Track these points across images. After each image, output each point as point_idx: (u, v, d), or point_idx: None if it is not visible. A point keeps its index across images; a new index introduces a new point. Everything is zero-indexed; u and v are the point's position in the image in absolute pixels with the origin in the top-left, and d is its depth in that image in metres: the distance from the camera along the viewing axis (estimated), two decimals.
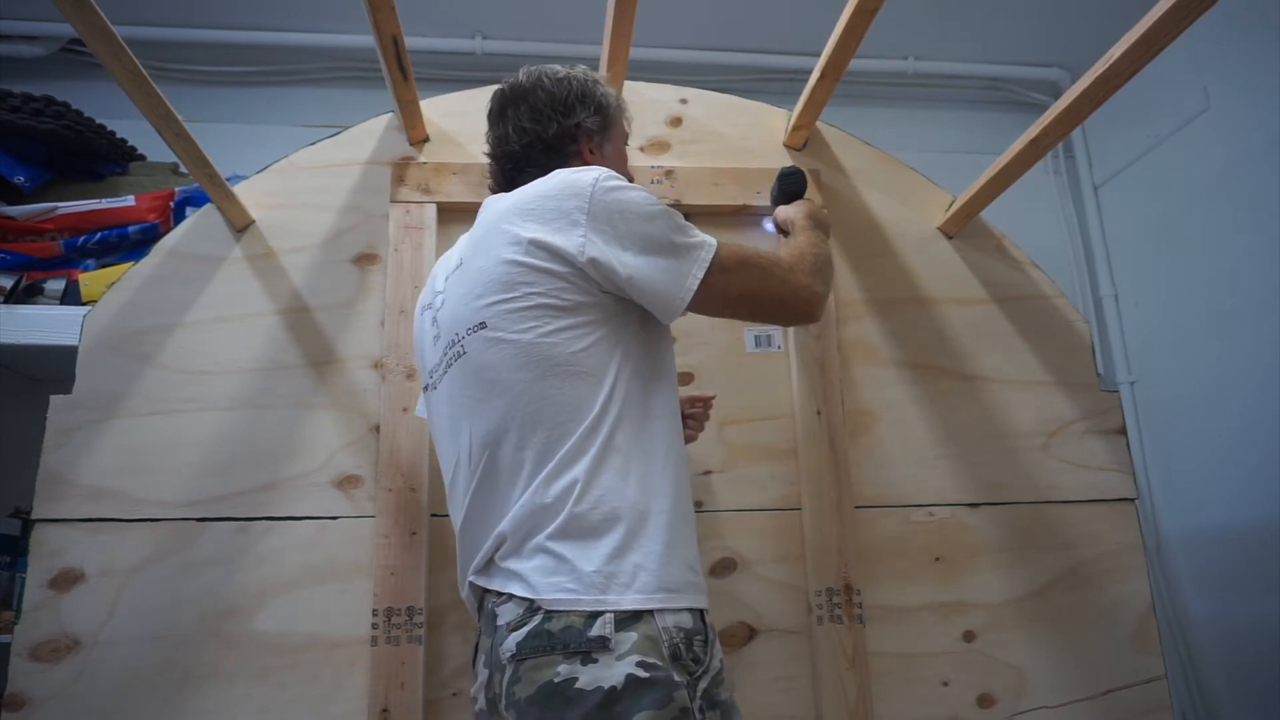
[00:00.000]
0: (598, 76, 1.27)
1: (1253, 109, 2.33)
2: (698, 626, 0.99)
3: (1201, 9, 1.12)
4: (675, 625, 0.97)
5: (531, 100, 1.22)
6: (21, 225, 1.95)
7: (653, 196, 1.11)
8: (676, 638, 0.96)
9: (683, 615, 0.98)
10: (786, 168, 1.47)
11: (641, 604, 0.97)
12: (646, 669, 0.92)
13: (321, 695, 1.38)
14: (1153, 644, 1.57)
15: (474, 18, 2.66)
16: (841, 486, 1.55)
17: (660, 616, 0.97)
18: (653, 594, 0.98)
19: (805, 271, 1.17)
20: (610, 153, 1.25)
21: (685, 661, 0.96)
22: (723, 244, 1.12)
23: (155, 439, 1.46)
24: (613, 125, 1.25)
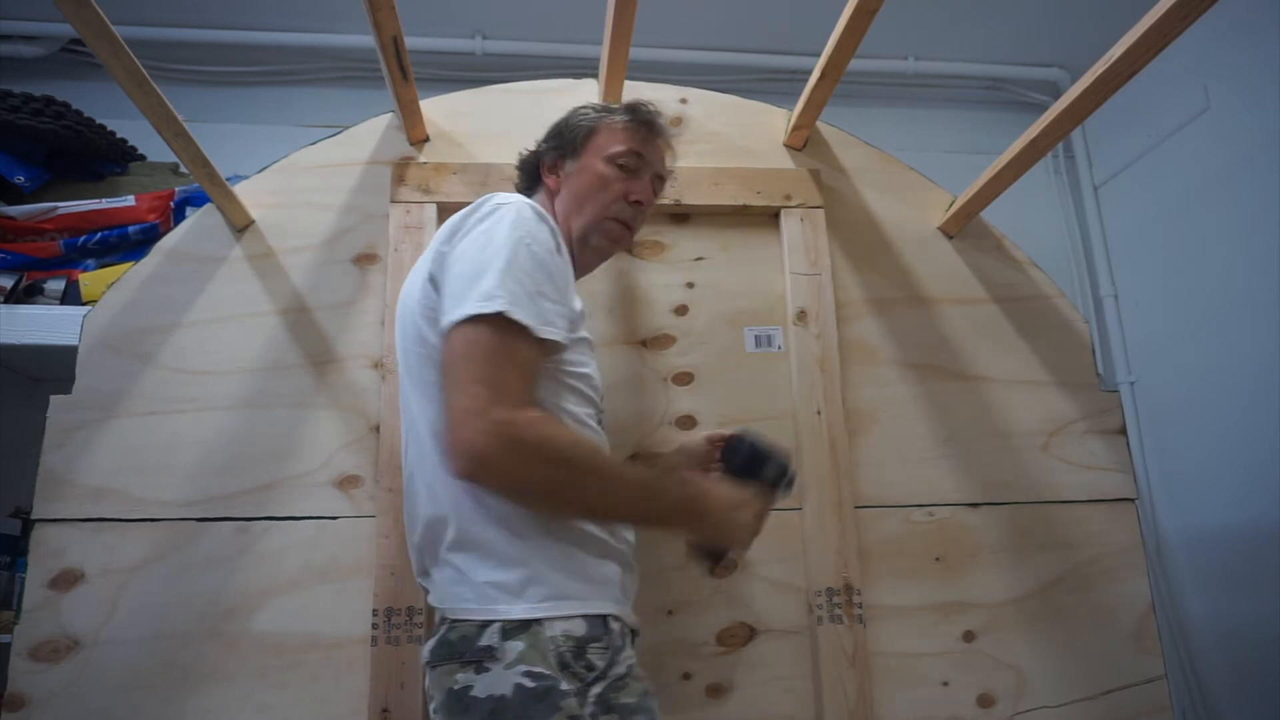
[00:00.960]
0: (591, 105, 1.31)
1: (1253, 109, 2.33)
2: (594, 633, 0.98)
3: (1202, 9, 1.12)
4: (564, 633, 0.97)
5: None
6: (21, 225, 1.95)
7: (541, 236, 1.04)
8: (564, 646, 0.96)
9: (574, 622, 0.98)
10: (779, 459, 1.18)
11: (527, 613, 0.97)
12: (534, 679, 0.93)
13: (321, 695, 1.38)
14: (1153, 644, 1.57)
15: (474, 18, 2.66)
16: (841, 486, 1.55)
17: (549, 625, 0.96)
18: (539, 603, 0.98)
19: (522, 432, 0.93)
20: (572, 170, 1.25)
21: (576, 669, 0.95)
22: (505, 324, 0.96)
23: (155, 439, 1.46)
24: (577, 147, 1.26)
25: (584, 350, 1.13)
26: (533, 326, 0.97)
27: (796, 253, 1.66)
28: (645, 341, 1.62)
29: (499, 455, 0.92)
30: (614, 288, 1.64)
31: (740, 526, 1.08)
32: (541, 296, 1.00)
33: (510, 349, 0.96)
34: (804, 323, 1.63)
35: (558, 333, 1.00)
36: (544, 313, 0.99)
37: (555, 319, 1.00)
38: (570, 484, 0.96)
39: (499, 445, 0.92)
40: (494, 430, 0.92)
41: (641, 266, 1.66)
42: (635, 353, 1.60)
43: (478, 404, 0.92)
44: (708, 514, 1.06)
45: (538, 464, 0.94)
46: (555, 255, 1.05)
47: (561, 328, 1.01)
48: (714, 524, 1.06)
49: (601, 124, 1.26)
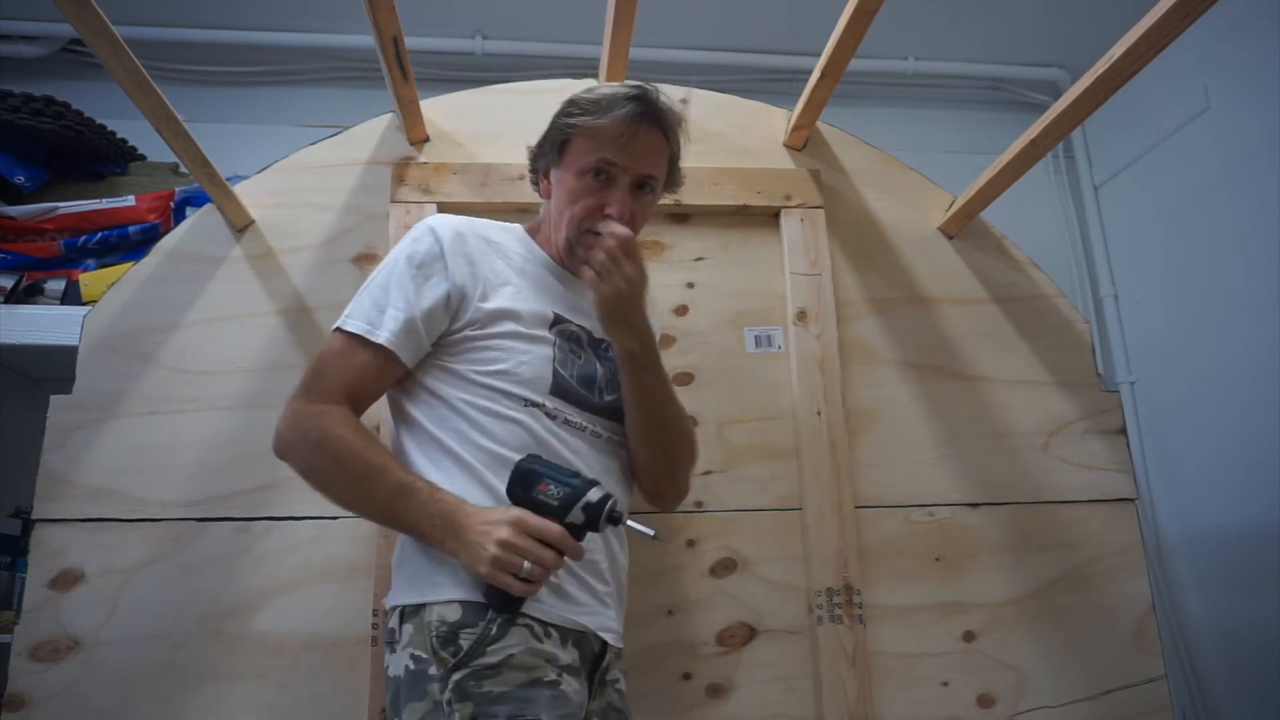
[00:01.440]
0: (604, 94, 1.16)
1: (1253, 109, 2.33)
2: (468, 619, 1.01)
3: (1202, 8, 1.12)
4: (440, 618, 1.01)
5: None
6: (22, 225, 1.95)
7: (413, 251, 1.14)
8: (438, 630, 1.00)
9: (450, 607, 1.02)
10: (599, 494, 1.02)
11: (412, 598, 1.05)
12: (415, 661, 1.01)
13: (321, 695, 1.38)
14: (1153, 644, 1.57)
15: (474, 18, 2.66)
16: (842, 486, 1.55)
17: (429, 610, 1.02)
18: (422, 589, 1.05)
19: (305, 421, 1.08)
20: (555, 180, 1.23)
21: (442, 654, 0.99)
22: (346, 336, 1.11)
23: (155, 439, 1.46)
24: (557, 156, 1.20)
25: (509, 343, 1.12)
26: (363, 334, 1.10)
27: (796, 253, 1.66)
28: None
29: (286, 438, 1.09)
30: None
31: (481, 550, 0.98)
32: (390, 307, 1.11)
33: (343, 353, 1.11)
34: (804, 323, 1.63)
35: (388, 337, 1.09)
36: (385, 321, 1.10)
37: (392, 324, 1.09)
38: (332, 476, 1.07)
39: (286, 430, 1.09)
40: (288, 416, 1.09)
41: None
42: None
43: (293, 393, 1.11)
44: (458, 531, 1.00)
45: (305, 452, 1.07)
46: (433, 261, 1.13)
47: (393, 330, 1.09)
48: (462, 545, 1.00)
49: (577, 132, 1.16)
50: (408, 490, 1.03)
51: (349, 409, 1.09)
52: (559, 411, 1.13)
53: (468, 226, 1.19)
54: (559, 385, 1.13)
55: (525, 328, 1.14)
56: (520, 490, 1.03)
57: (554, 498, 1.01)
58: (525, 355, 1.12)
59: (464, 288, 1.13)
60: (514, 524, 0.99)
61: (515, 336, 1.13)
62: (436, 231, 1.15)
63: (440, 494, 1.03)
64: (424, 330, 1.11)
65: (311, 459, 1.07)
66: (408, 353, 1.11)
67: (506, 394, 1.10)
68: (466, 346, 1.12)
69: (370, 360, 1.10)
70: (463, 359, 1.12)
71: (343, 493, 1.08)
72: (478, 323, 1.12)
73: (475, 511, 1.02)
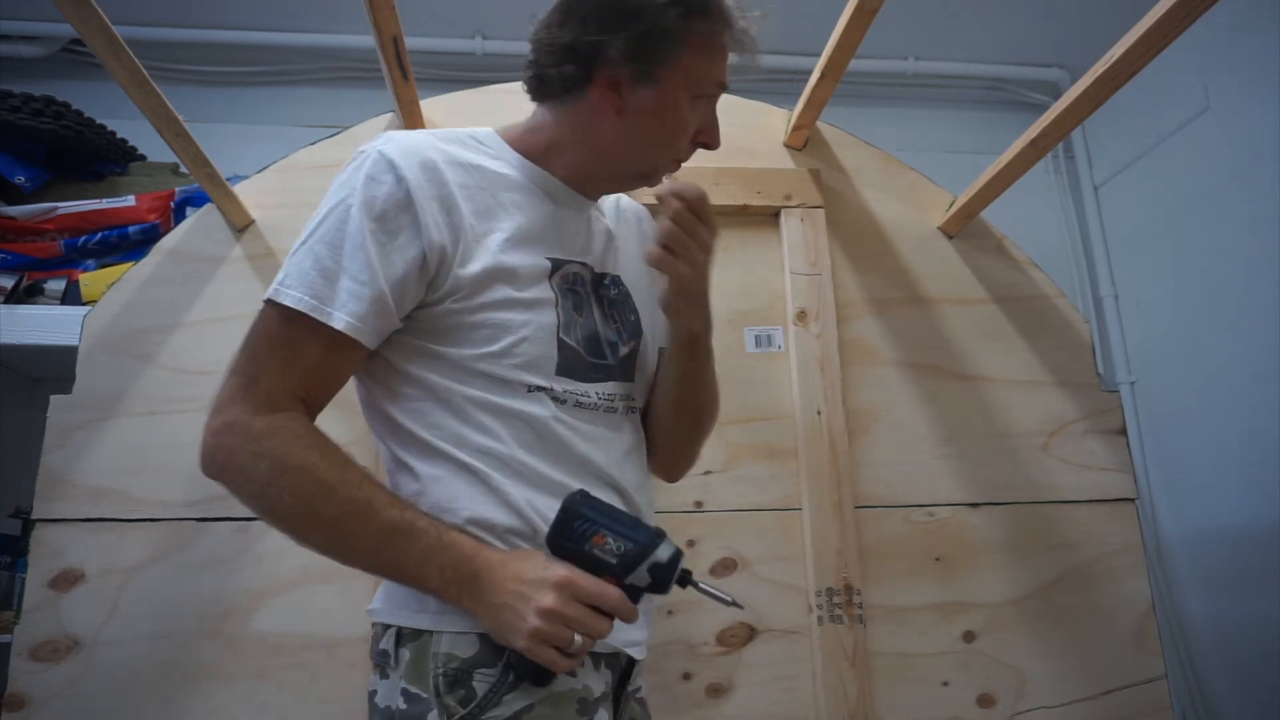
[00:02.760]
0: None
1: (1253, 109, 2.33)
2: (484, 658, 0.82)
3: (1203, 8, 1.12)
4: (448, 652, 0.82)
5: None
6: (22, 225, 1.95)
7: (369, 196, 0.86)
8: (445, 666, 0.81)
9: (464, 640, 0.82)
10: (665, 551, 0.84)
11: (414, 621, 0.85)
12: (408, 699, 0.81)
13: (321, 695, 1.38)
14: (1153, 644, 1.57)
15: (474, 18, 2.66)
16: (842, 486, 1.55)
17: (436, 640, 0.83)
18: (429, 612, 0.84)
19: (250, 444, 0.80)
20: (650, 100, 0.91)
21: (446, 700, 0.79)
22: (284, 313, 0.83)
23: (155, 439, 1.46)
24: (668, 64, 0.91)
25: (503, 315, 0.89)
26: (308, 311, 0.82)
27: (796, 253, 1.66)
28: None
29: (220, 459, 0.82)
30: None
31: (517, 618, 0.78)
32: (344, 276, 0.83)
33: (289, 339, 0.83)
34: (804, 323, 1.63)
35: (346, 319, 0.82)
36: (339, 296, 0.83)
37: (351, 301, 0.82)
38: (295, 517, 0.82)
39: (221, 449, 0.81)
40: (221, 432, 0.81)
41: None
42: None
43: (222, 398, 0.83)
44: (479, 588, 0.80)
45: (253, 485, 0.81)
46: (399, 212, 0.86)
47: (354, 310, 0.83)
48: (487, 606, 0.80)
49: (692, 35, 0.91)
50: (406, 532, 0.81)
51: (304, 413, 0.85)
52: (568, 394, 0.92)
53: (434, 150, 0.90)
54: (565, 361, 0.92)
55: (520, 290, 0.90)
56: (568, 541, 0.82)
57: (613, 554, 0.81)
58: (525, 329, 0.89)
59: (442, 246, 0.86)
60: (561, 587, 0.78)
61: (510, 305, 0.89)
62: (398, 167, 0.87)
63: (451, 536, 0.82)
64: (394, 306, 0.86)
65: (264, 494, 0.81)
66: (373, 335, 0.86)
67: (505, 381, 0.88)
68: (451, 323, 0.88)
69: (322, 349, 0.84)
70: (448, 340, 0.88)
71: (310, 537, 0.83)
72: (462, 291, 0.87)
73: (501, 563, 0.81)
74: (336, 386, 0.89)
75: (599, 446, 0.93)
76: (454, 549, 0.81)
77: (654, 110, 0.92)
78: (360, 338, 0.84)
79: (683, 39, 0.90)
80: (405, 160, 0.88)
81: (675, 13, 0.89)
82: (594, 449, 0.92)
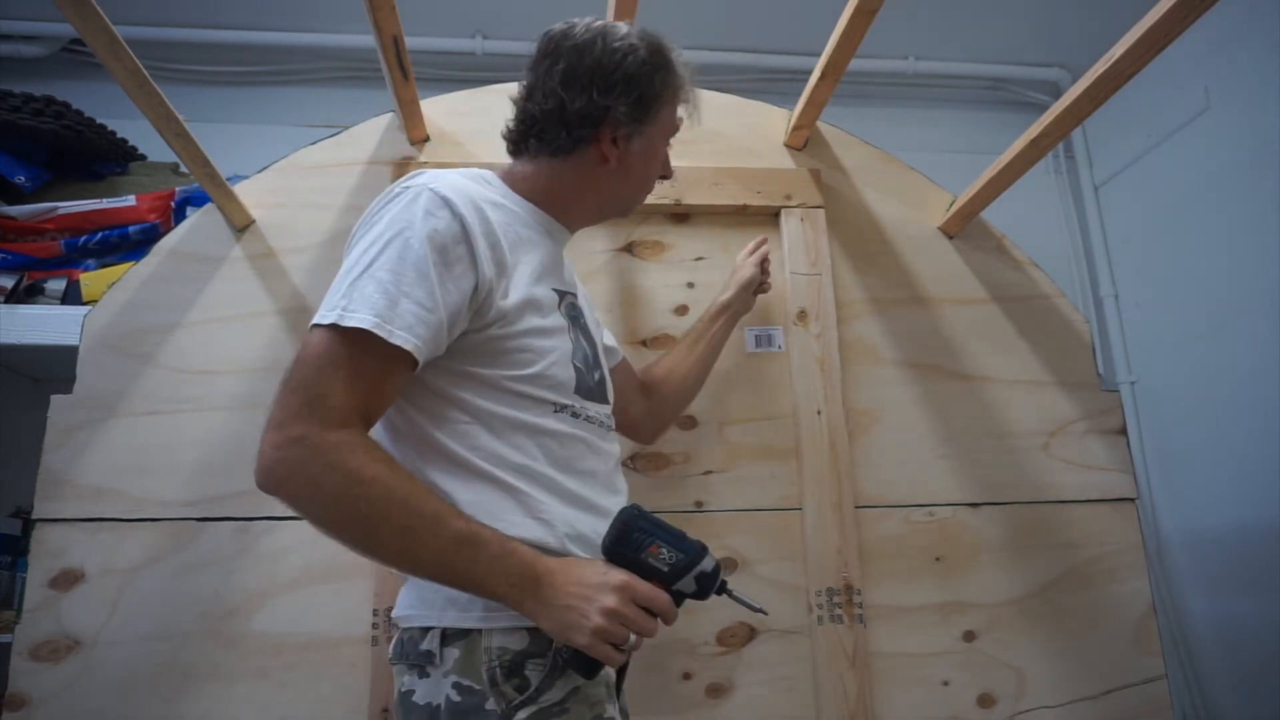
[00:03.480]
0: (666, 55, 1.10)
1: (1253, 109, 2.33)
2: (536, 648, 0.90)
3: (1202, 9, 1.12)
4: (501, 645, 0.89)
5: (574, 61, 1.07)
6: (22, 225, 1.95)
7: (430, 229, 0.92)
8: (500, 659, 0.89)
9: (515, 635, 0.90)
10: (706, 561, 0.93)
11: (461, 621, 0.91)
12: (461, 692, 0.88)
13: (321, 695, 1.38)
14: (1153, 644, 1.57)
15: (474, 18, 2.66)
16: (842, 486, 1.55)
17: (487, 636, 0.90)
18: (481, 611, 0.91)
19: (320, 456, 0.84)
20: (639, 149, 1.10)
21: (504, 689, 0.87)
22: (346, 335, 0.86)
23: (156, 439, 1.46)
24: (654, 117, 1.10)
25: (536, 342, 0.99)
26: (374, 329, 0.86)
27: (796, 253, 1.66)
28: (645, 341, 1.62)
29: (283, 473, 0.84)
30: (614, 287, 1.64)
31: (580, 617, 0.85)
32: (406, 299, 0.88)
33: (353, 359, 0.87)
34: (804, 323, 1.63)
35: (410, 339, 0.87)
36: (403, 317, 0.88)
37: (416, 324, 0.88)
38: (366, 527, 0.85)
39: (286, 463, 0.84)
40: (286, 446, 0.84)
41: (641, 266, 1.66)
42: (635, 353, 1.60)
43: (285, 415, 0.85)
44: (542, 592, 0.86)
45: (322, 496, 0.84)
46: (456, 244, 0.93)
47: (421, 334, 0.88)
48: (549, 608, 0.86)
49: (672, 96, 1.12)
50: (473, 542, 0.86)
51: (366, 432, 0.89)
52: (583, 409, 1.03)
53: (475, 191, 1.00)
54: (580, 382, 1.03)
55: (544, 318, 1.00)
56: (625, 549, 0.90)
57: (665, 563, 0.90)
58: (553, 354, 1.00)
59: (491, 279, 0.95)
60: (621, 590, 0.87)
61: (539, 333, 0.99)
62: (453, 204, 0.94)
63: (513, 545, 0.88)
64: (448, 332, 0.93)
65: (335, 504, 0.85)
66: (427, 359, 0.92)
67: (539, 400, 0.98)
68: (496, 349, 0.96)
69: (382, 366, 0.88)
70: (491, 363, 0.96)
71: (380, 546, 0.87)
72: (504, 320, 0.96)
73: (561, 568, 0.88)
74: (387, 406, 0.93)
75: (602, 459, 1.05)
76: (516, 556, 0.88)
77: (644, 158, 1.12)
78: (420, 359, 0.90)
79: (663, 98, 1.10)
80: (458, 197, 0.95)
81: (659, 78, 1.09)
82: (599, 461, 1.05)
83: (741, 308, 1.53)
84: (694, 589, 0.92)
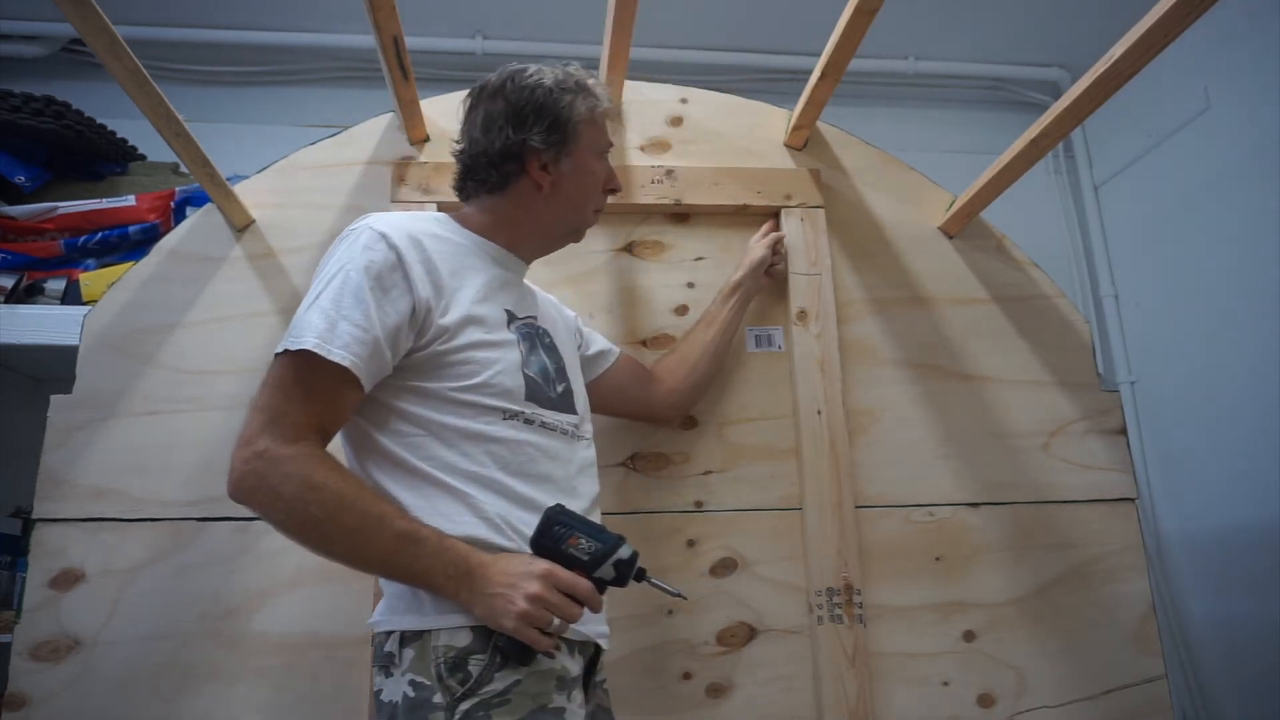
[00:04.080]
0: (578, 80, 1.19)
1: (1253, 109, 2.33)
2: (477, 645, 0.97)
3: (1202, 9, 1.12)
4: (447, 644, 0.97)
5: (490, 108, 1.18)
6: (22, 225, 1.95)
7: (368, 260, 1.03)
8: (445, 656, 0.97)
9: (460, 634, 0.98)
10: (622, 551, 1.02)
11: (416, 624, 1.00)
12: (415, 688, 0.96)
13: (321, 695, 1.38)
14: (1153, 644, 1.57)
15: (474, 18, 2.66)
16: (842, 486, 1.55)
17: (435, 636, 0.98)
18: (427, 615, 1.00)
19: (280, 466, 0.94)
20: (569, 169, 1.19)
21: (449, 682, 0.95)
22: (296, 359, 0.98)
23: (156, 439, 1.46)
24: (575, 139, 1.18)
25: (480, 354, 1.07)
26: (314, 349, 0.97)
27: (796, 253, 1.66)
28: (645, 341, 1.62)
29: (250, 484, 0.95)
30: (614, 288, 1.64)
31: (507, 603, 0.94)
32: (344, 321, 0.99)
33: (302, 379, 0.98)
34: (804, 323, 1.63)
35: (347, 357, 0.97)
36: (340, 337, 0.98)
37: (352, 343, 0.98)
38: (320, 529, 0.95)
39: (252, 475, 0.95)
40: (252, 460, 0.95)
41: (641, 266, 1.66)
42: (635, 352, 1.60)
43: (250, 432, 0.97)
44: (475, 582, 0.96)
45: (283, 502, 0.95)
46: (391, 272, 1.03)
47: (357, 352, 0.98)
48: (480, 596, 0.96)
49: (589, 116, 1.20)
50: (414, 539, 0.96)
51: (321, 443, 1.00)
52: (535, 416, 1.11)
53: (415, 226, 1.11)
54: (530, 388, 1.11)
55: (489, 333, 1.09)
56: (548, 542, 0.99)
57: (585, 552, 0.99)
58: (498, 364, 1.08)
59: (428, 300, 1.05)
60: (544, 577, 0.96)
61: (484, 345, 1.08)
62: (389, 237, 1.05)
63: (449, 541, 0.98)
64: (389, 352, 1.02)
65: (292, 510, 0.95)
66: (368, 375, 1.01)
67: (487, 408, 1.06)
68: (438, 363, 1.05)
69: (330, 385, 0.99)
70: (436, 377, 1.06)
71: (333, 546, 0.97)
72: (444, 335, 1.05)
73: (492, 561, 0.98)
74: (342, 422, 1.04)
75: (558, 464, 1.12)
76: (453, 552, 0.97)
77: (575, 174, 1.20)
78: (359, 374, 0.99)
79: (576, 117, 1.18)
80: (394, 232, 1.07)
81: (568, 100, 1.17)
82: (554, 466, 1.11)
83: (754, 286, 1.58)
84: (613, 575, 1.00)
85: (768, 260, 1.59)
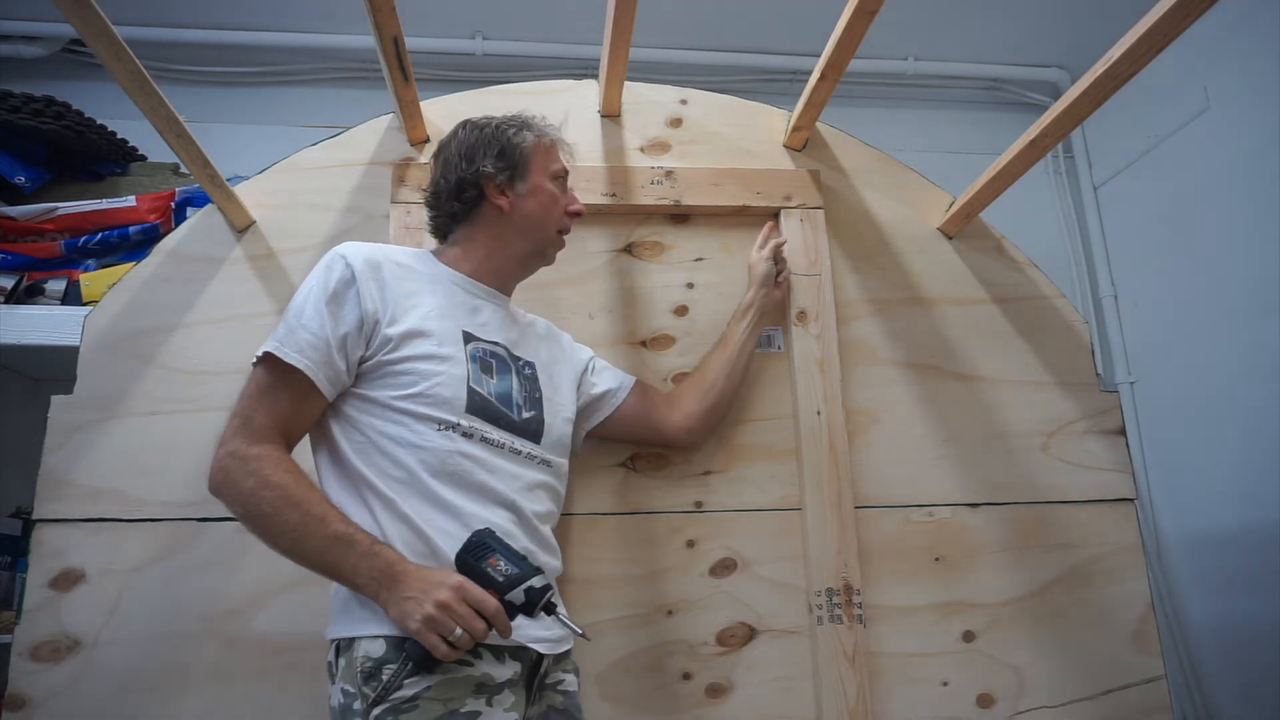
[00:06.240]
0: (524, 118, 1.32)
1: (1253, 109, 2.33)
2: (390, 655, 1.03)
3: (1202, 9, 1.13)
4: (365, 653, 1.04)
5: (446, 153, 1.31)
6: (22, 225, 1.95)
7: (326, 279, 1.14)
8: (363, 665, 1.04)
9: (376, 643, 1.04)
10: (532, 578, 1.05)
11: (344, 633, 1.08)
12: (344, 695, 1.04)
13: (322, 695, 1.37)
14: (1153, 644, 1.57)
15: (474, 18, 2.66)
16: (842, 486, 1.55)
17: (358, 645, 1.05)
18: (353, 624, 1.07)
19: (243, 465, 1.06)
20: (525, 190, 1.28)
21: (365, 689, 1.02)
22: (264, 367, 1.11)
23: (156, 439, 1.46)
24: (525, 164, 1.28)
25: (422, 365, 1.14)
26: (274, 351, 1.09)
27: (796, 253, 1.66)
28: (645, 341, 1.62)
29: (219, 479, 1.08)
30: (614, 288, 1.64)
31: (416, 606, 0.99)
32: (302, 330, 1.11)
33: (271, 387, 1.11)
34: (804, 323, 1.63)
35: (301, 360, 1.09)
36: (295, 342, 1.10)
37: (307, 348, 1.10)
38: (267, 524, 1.05)
39: (221, 472, 1.08)
40: (225, 459, 1.08)
41: (641, 267, 1.67)
42: (635, 353, 1.60)
43: (226, 434, 1.10)
44: (395, 587, 1.02)
45: (241, 497, 1.06)
46: (346, 288, 1.14)
47: (311, 356, 1.10)
48: (396, 599, 1.01)
49: (537, 143, 1.31)
50: (348, 541, 1.04)
51: (284, 448, 1.10)
52: (475, 430, 1.15)
53: (379, 253, 1.21)
54: (475, 403, 1.15)
55: (437, 347, 1.16)
56: (470, 559, 1.04)
57: (501, 574, 1.03)
58: (440, 375, 1.14)
59: (375, 313, 1.14)
60: (455, 589, 1.01)
61: (429, 358, 1.14)
62: (348, 259, 1.16)
63: (381, 548, 1.04)
64: (340, 360, 1.12)
65: (248, 505, 1.06)
66: (326, 380, 1.11)
67: (422, 417, 1.12)
68: (382, 372, 1.14)
69: (290, 389, 1.10)
70: (379, 385, 1.14)
71: (277, 540, 1.06)
72: (389, 345, 1.13)
73: (416, 569, 1.03)
74: (305, 426, 1.15)
75: (499, 477, 1.16)
76: (381, 557, 1.04)
77: (532, 194, 1.29)
78: (314, 378, 1.10)
79: (525, 145, 1.29)
80: (355, 255, 1.17)
81: (514, 132, 1.29)
82: (493, 478, 1.15)
83: (767, 302, 1.58)
84: (523, 600, 1.03)
85: (773, 272, 1.59)
